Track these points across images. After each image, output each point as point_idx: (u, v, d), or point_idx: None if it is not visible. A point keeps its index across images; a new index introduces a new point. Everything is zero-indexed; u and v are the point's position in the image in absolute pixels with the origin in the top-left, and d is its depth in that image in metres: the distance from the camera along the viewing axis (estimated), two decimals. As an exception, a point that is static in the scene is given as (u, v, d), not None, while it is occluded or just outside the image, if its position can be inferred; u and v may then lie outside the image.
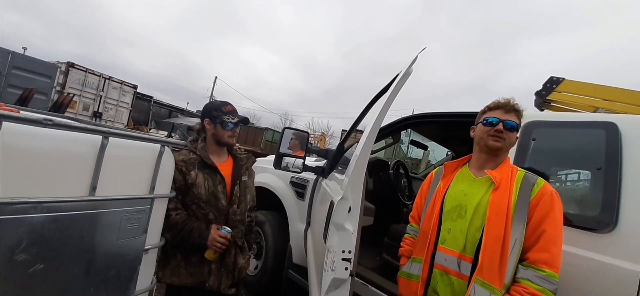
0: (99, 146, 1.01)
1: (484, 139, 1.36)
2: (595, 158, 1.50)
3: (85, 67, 11.95)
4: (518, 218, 1.21)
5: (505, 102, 1.37)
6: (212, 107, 1.72)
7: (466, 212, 1.30)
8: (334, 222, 1.37)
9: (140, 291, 1.24)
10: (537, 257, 1.17)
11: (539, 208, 1.21)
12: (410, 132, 3.85)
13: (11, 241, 0.85)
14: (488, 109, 1.41)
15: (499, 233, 1.19)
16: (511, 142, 1.36)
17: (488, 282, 1.16)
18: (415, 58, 1.39)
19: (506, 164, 1.36)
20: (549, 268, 1.14)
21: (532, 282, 1.14)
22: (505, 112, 1.35)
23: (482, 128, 1.37)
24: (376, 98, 1.95)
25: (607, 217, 1.36)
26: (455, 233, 1.30)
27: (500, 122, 1.32)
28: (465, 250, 1.26)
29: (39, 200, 0.88)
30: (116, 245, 1.11)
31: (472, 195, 1.32)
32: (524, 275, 1.17)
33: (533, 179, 1.28)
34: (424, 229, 1.42)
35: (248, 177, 1.81)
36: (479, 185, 1.34)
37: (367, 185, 3.30)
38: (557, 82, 3.06)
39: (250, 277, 2.98)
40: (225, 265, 1.63)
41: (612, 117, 1.57)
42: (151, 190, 1.23)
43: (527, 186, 1.26)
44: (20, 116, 0.83)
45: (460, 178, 1.42)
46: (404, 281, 1.46)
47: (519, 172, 1.32)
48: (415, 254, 1.44)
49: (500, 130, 1.32)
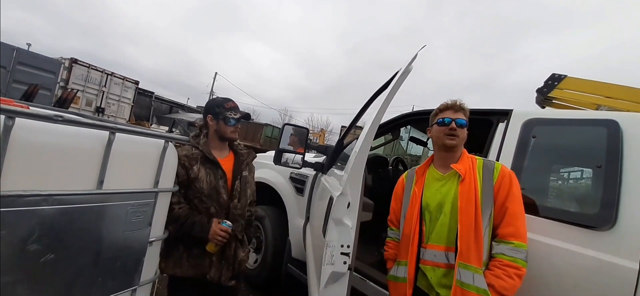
0: (106, 141, 1.05)
1: (441, 138, 1.50)
2: (596, 155, 1.50)
3: (88, 63, 12.00)
4: (486, 202, 1.36)
5: (452, 103, 1.52)
6: (215, 103, 1.75)
7: (444, 207, 1.42)
8: (333, 217, 1.40)
9: (145, 282, 1.28)
10: (505, 232, 1.33)
11: (501, 189, 1.37)
12: (410, 128, 3.87)
13: (24, 232, 0.88)
14: (439, 111, 1.55)
15: (470, 219, 1.32)
16: (463, 138, 1.50)
17: (469, 264, 1.29)
18: (415, 56, 1.41)
19: (465, 156, 1.50)
20: (516, 239, 1.30)
21: (505, 255, 1.30)
22: (454, 112, 1.50)
23: (437, 128, 1.53)
24: (376, 95, 1.97)
25: (606, 215, 1.36)
26: (438, 229, 1.41)
27: (452, 121, 1.47)
28: (449, 242, 1.37)
29: (49, 193, 0.92)
30: (122, 236, 1.15)
31: (445, 191, 1.45)
32: (497, 249, 1.33)
33: (491, 165, 1.44)
34: (406, 232, 1.51)
35: (248, 172, 1.84)
36: (448, 181, 1.47)
37: (366, 181, 3.33)
38: (559, 79, 3.03)
39: (250, 271, 3.02)
40: (225, 258, 1.67)
41: (613, 114, 1.56)
42: (155, 184, 1.26)
43: (488, 172, 1.41)
44: (33, 112, 0.86)
45: (431, 179, 1.54)
46: (393, 284, 1.55)
47: (479, 161, 1.47)
48: (400, 257, 1.53)
49: (454, 127, 1.47)
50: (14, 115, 0.82)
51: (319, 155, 3.13)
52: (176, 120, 13.45)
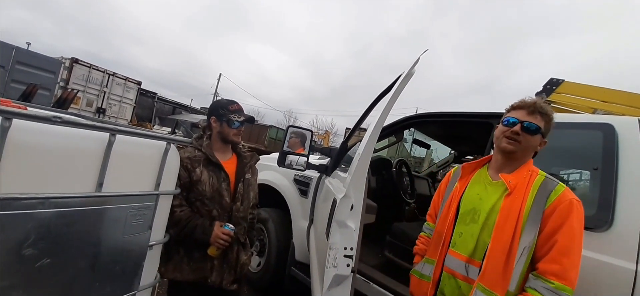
0: (106, 143, 1.02)
1: (499, 140, 1.30)
2: (592, 158, 1.53)
3: (89, 63, 11.99)
4: (530, 225, 1.15)
5: (530, 102, 1.28)
6: (219, 105, 1.74)
7: (479, 216, 1.26)
8: (337, 219, 1.38)
9: (144, 287, 1.25)
10: (546, 268, 1.11)
11: (554, 217, 1.14)
12: (413, 131, 3.86)
13: (20, 235, 0.86)
14: (512, 108, 1.33)
15: (506, 240, 1.15)
16: (530, 146, 1.27)
17: (489, 289, 1.14)
18: (417, 59, 1.40)
19: (525, 168, 1.27)
20: (558, 280, 1.07)
21: (538, 293, 1.09)
22: (528, 113, 1.26)
23: (501, 128, 1.31)
24: (379, 97, 1.96)
25: (603, 216, 1.39)
26: (466, 237, 1.27)
27: (519, 124, 1.25)
28: (475, 255, 1.23)
29: (46, 195, 0.89)
30: (121, 240, 1.12)
31: (486, 199, 1.27)
32: (532, 284, 1.12)
33: (552, 185, 1.20)
34: (439, 230, 1.40)
35: (252, 175, 1.82)
36: (493, 189, 1.29)
37: (370, 184, 3.32)
38: (556, 83, 3.07)
39: (253, 274, 3.00)
40: (227, 261, 1.65)
41: (609, 118, 1.59)
42: (156, 187, 1.24)
43: (543, 193, 1.18)
44: (30, 113, 0.84)
45: (477, 181, 1.37)
46: (416, 280, 1.45)
47: (539, 176, 1.24)
48: (429, 255, 1.43)
49: (517, 131, 1.24)
50: (10, 116, 0.80)
51: (323, 157, 3.11)
52: (179, 121, 13.42)
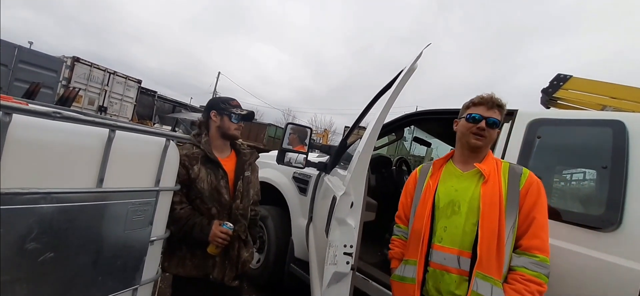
0: (106, 139, 1.03)
1: (466, 136, 1.38)
2: (601, 156, 1.49)
3: (90, 62, 12.03)
4: (510, 208, 1.24)
5: (488, 97, 1.37)
6: (219, 100, 1.74)
7: (459, 207, 1.30)
8: (336, 216, 1.38)
9: (146, 281, 1.26)
10: (529, 244, 1.21)
11: (529, 196, 1.25)
12: (414, 128, 3.85)
13: (22, 230, 0.87)
14: (472, 104, 1.40)
15: (493, 225, 1.21)
16: (492, 139, 1.38)
17: (488, 275, 1.18)
18: (420, 54, 1.38)
19: (490, 157, 1.38)
20: (541, 253, 1.19)
21: (527, 269, 1.18)
22: (488, 108, 1.35)
23: (465, 124, 1.39)
24: (380, 94, 1.95)
25: (611, 216, 1.35)
26: (452, 230, 1.29)
27: (483, 120, 1.34)
28: (463, 246, 1.26)
29: (48, 190, 0.91)
30: (123, 235, 1.13)
31: (463, 190, 1.33)
32: (518, 262, 1.20)
33: (519, 169, 1.32)
34: (416, 229, 1.39)
35: (251, 172, 1.82)
36: (468, 180, 1.35)
37: (370, 181, 3.32)
38: (564, 79, 3.02)
39: (253, 271, 3.01)
40: (229, 258, 1.65)
41: (619, 115, 1.55)
42: (156, 183, 1.25)
43: (515, 176, 1.29)
44: (30, 108, 0.85)
45: (448, 175, 1.42)
46: (398, 284, 1.43)
47: (504, 164, 1.35)
48: (408, 256, 1.42)
49: (483, 127, 1.33)
50: (11, 111, 0.81)
51: (322, 155, 3.11)
52: (179, 119, 13.44)
